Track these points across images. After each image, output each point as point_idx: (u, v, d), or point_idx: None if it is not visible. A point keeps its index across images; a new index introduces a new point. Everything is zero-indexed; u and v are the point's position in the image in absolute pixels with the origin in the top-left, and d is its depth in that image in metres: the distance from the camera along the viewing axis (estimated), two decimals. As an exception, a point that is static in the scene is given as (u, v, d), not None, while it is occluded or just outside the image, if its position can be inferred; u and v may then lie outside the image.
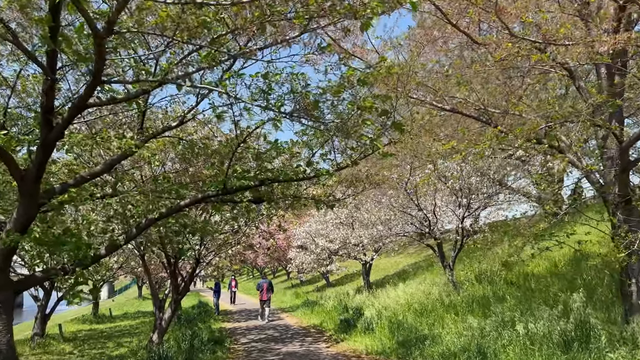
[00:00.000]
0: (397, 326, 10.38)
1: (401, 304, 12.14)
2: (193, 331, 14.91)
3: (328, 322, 15.23)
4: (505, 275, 12.36)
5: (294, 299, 25.96)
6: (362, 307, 13.46)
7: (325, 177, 5.39)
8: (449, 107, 7.24)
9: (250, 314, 21.89)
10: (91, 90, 3.76)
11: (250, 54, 4.37)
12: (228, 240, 11.98)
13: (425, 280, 16.63)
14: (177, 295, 12.05)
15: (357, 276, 28.09)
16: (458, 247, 13.12)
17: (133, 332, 18.04)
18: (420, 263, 23.83)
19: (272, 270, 55.62)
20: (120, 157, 5.85)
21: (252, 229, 12.99)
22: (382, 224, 13.59)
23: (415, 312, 10.99)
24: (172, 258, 11.58)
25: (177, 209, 5.54)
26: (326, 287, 27.85)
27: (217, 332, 15.52)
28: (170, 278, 12.09)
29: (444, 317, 10.45)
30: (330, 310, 16.30)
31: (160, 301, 12.65)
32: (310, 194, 7.14)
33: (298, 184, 7.04)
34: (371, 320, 11.57)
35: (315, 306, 18.57)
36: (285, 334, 14.27)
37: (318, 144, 5.49)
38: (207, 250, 12.63)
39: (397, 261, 28.13)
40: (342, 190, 8.54)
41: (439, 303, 11.08)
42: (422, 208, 12.26)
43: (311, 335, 13.57)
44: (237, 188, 5.35)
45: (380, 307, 12.36)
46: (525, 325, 7.21)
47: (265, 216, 11.61)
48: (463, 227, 12.40)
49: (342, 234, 18.52)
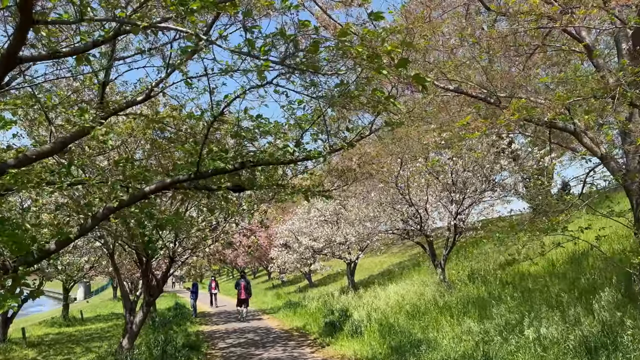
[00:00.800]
0: (388, 329, 9.62)
1: (391, 305, 11.39)
2: (167, 336, 13.94)
3: (312, 325, 14.41)
4: (500, 275, 11.71)
5: (275, 299, 25.07)
6: (348, 309, 12.68)
7: (318, 159, 4.58)
8: (452, 87, 6.50)
9: (230, 315, 20.94)
10: (22, 34, 2.89)
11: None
12: (205, 237, 11.07)
13: (414, 280, 15.94)
14: (149, 297, 11.09)
15: (341, 276, 27.34)
16: (450, 245, 12.43)
17: (104, 336, 16.94)
18: (406, 262, 23.19)
19: (252, 270, 54.53)
20: (75, 135, 4.94)
21: (232, 225, 12.10)
22: (370, 221, 12.81)
23: (407, 315, 10.25)
24: (143, 256, 10.63)
25: (140, 195, 4.66)
26: (309, 287, 27.01)
27: (194, 336, 14.56)
28: (142, 278, 11.13)
29: (439, 320, 9.73)
30: (313, 312, 15.49)
31: (132, 303, 11.67)
32: (297, 185, 6.32)
33: (284, 171, 6.22)
34: (359, 323, 10.79)
35: (298, 307, 17.74)
36: (267, 338, 13.40)
37: (309, 121, 4.67)
38: (182, 248, 11.71)
39: (381, 261, 27.46)
40: (332, 181, 7.74)
41: (432, 304, 10.36)
42: (413, 203, 11.52)
43: (294, 339, 12.74)
44: (213, 171, 4.50)
45: (369, 309, 11.59)
46: (536, 330, 6.50)
47: (247, 211, 10.77)
48: (456, 224, 11.72)
49: (327, 232, 17.72)
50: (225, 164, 4.28)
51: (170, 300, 29.38)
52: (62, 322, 21.27)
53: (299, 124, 4.80)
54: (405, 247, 30.18)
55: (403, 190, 11.87)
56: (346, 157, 8.58)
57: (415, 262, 21.71)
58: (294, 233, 19.22)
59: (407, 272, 18.54)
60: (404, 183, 11.34)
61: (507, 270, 12.47)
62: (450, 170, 11.59)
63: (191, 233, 10.48)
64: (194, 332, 15.69)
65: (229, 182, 4.99)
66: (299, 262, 20.90)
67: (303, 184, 6.82)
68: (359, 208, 13.60)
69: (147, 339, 13.61)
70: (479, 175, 11.13)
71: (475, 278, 12.14)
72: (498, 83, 6.24)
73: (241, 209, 10.85)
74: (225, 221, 10.97)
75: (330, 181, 7.81)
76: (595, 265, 9.87)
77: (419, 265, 19.53)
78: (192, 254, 11.58)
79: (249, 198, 9.71)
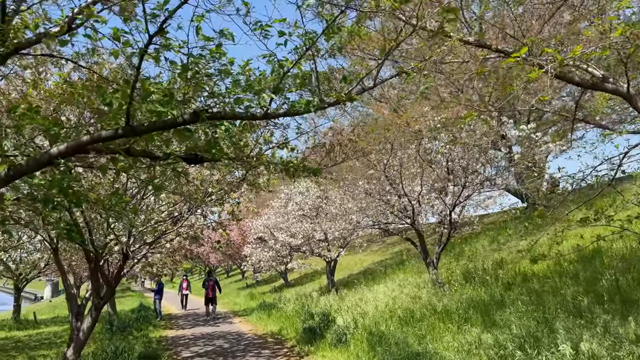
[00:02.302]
0: (378, 339, 8.24)
1: (381, 309, 10.01)
2: (124, 343, 12.30)
3: (288, 330, 12.96)
4: (500, 275, 10.47)
5: (248, 300, 23.49)
6: (330, 313, 11.26)
7: (307, 109, 3.16)
8: (472, 38, 5.13)
9: (199, 318, 19.30)
10: None
11: None
12: (166, 230, 9.51)
13: (400, 280, 14.65)
14: (98, 300, 9.45)
15: (319, 275, 25.92)
16: (444, 242, 11.14)
17: (55, 342, 15.12)
18: (388, 261, 21.92)
19: (225, 269, 52.65)
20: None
21: (199, 218, 10.55)
22: (355, 214, 11.40)
23: (400, 321, 8.89)
24: (91, 252, 9.00)
25: (45, 160, 3.15)
26: (284, 287, 25.52)
27: (155, 343, 12.94)
28: (90, 278, 9.49)
29: (437, 327, 8.41)
30: (290, 315, 14.03)
31: (79, 307, 9.97)
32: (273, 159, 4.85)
33: (257, 141, 4.75)
34: (344, 330, 9.39)
35: (273, 310, 16.25)
36: (237, 345, 11.89)
37: (294, 54, 3.25)
38: (142, 243, 10.11)
39: (361, 259, 26.16)
40: (317, 161, 6.30)
41: (428, 309, 9.03)
42: (406, 193, 10.16)
43: (268, 347, 11.27)
44: (151, 125, 3.04)
45: (355, 313, 10.20)
46: (574, 344, 5.20)
47: (215, 201, 9.25)
48: (451, 218, 10.42)
49: (306, 228, 16.26)
50: (167, 110, 2.83)
51: (134, 301, 27.46)
52: (12, 324, 19.26)
53: (280, 62, 3.35)
54: (386, 245, 28.95)
55: (393, 179, 10.52)
56: (336, 131, 7.31)
57: (399, 260, 20.45)
58: (269, 229, 17.70)
59: (391, 272, 17.24)
60: (396, 171, 10.00)
61: (505, 269, 11.26)
62: (446, 158, 10.29)
63: (147, 224, 8.91)
64: (156, 338, 14.05)
65: (179, 145, 3.53)
66: (274, 260, 19.35)
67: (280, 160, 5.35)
68: (343, 200, 12.18)
69: (101, 345, 11.94)
70: (482, 161, 9.83)
71: (472, 278, 10.88)
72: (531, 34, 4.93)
73: (208, 198, 9.34)
74: (189, 212, 9.41)
75: (315, 161, 6.36)
76: (612, 265, 8.69)
77: (402, 264, 18.26)
78: (151, 251, 9.98)
79: (216, 184, 8.20)
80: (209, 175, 7.87)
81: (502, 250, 13.79)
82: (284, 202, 17.31)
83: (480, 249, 14.90)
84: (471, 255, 14.31)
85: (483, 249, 14.82)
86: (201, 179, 7.68)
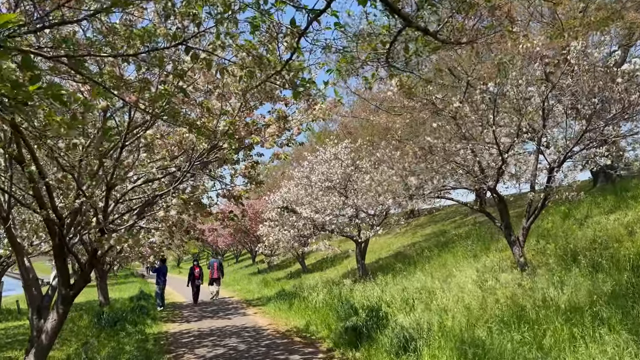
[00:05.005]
0: (471, 349, 5.45)
1: (464, 304, 7.16)
2: (115, 341, 9.68)
3: (318, 326, 10.27)
4: (621, 256, 7.61)
5: (262, 288, 20.85)
6: (380, 307, 8.48)
7: None
8: None
9: (206, 307, 16.64)
10: None
11: None
12: (160, 191, 6.76)
13: (449, 265, 11.88)
14: (66, 290, 6.77)
15: (339, 260, 23.20)
16: (535, 212, 8.27)
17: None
18: (422, 244, 19.11)
19: (234, 254, 50.12)
20: None
21: (203, 179, 7.81)
22: (414, 175, 8.46)
23: (500, 322, 6.08)
24: (55, 223, 6.26)
25: None
26: (302, 273, 22.84)
27: (151, 343, 10.27)
28: (55, 260, 6.77)
29: (558, 331, 5.61)
30: (320, 307, 11.31)
31: (43, 299, 7.28)
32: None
33: None
34: (411, 331, 6.60)
35: (295, 300, 13.55)
36: (257, 347, 9.20)
37: None
38: (127, 210, 7.44)
39: (387, 242, 23.40)
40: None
41: (538, 304, 6.21)
42: (497, 143, 7.19)
43: (297, 351, 8.56)
44: None
45: (420, 309, 7.37)
46: None
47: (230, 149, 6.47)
48: (550, 183, 7.55)
49: (334, 202, 13.44)
50: None
51: (134, 288, 24.82)
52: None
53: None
54: (412, 227, 26.13)
55: (464, 126, 7.63)
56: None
57: (436, 243, 17.64)
58: (290, 203, 14.91)
59: (436, 256, 14.43)
60: (475, 109, 7.13)
61: (613, 249, 8.42)
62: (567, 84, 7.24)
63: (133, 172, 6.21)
64: (153, 335, 11.38)
65: None
66: (297, 241, 16.51)
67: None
68: (391, 161, 9.26)
69: (73, 349, 9.31)
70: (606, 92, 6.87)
71: (573, 261, 8.03)
72: None
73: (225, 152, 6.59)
74: (191, 166, 6.59)
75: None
76: None
77: (445, 246, 15.46)
78: (139, 220, 7.21)
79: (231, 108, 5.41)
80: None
81: (587, 227, 10.94)
82: (307, 171, 14.50)
83: (552, 226, 12.04)
84: (543, 233, 11.46)
85: (556, 226, 11.96)
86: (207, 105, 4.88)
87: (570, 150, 7.42)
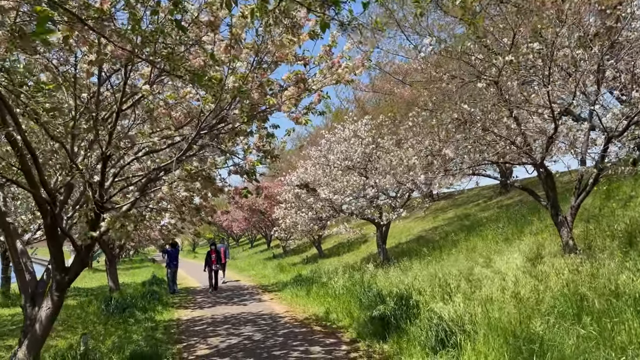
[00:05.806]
0: (526, 345, 4.59)
1: (511, 293, 6.26)
2: (123, 329, 9.03)
3: (339, 313, 9.51)
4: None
5: (277, 273, 20.16)
6: (410, 295, 7.64)
7: None
8: None
9: (221, 293, 15.99)
10: None
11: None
12: (166, 166, 5.97)
13: (484, 248, 10.99)
14: (61, 275, 6.06)
15: (357, 244, 22.39)
16: (586, 189, 7.30)
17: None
18: (444, 227, 18.20)
19: (249, 239, 49.59)
20: None
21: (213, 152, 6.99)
22: (448, 147, 7.52)
23: (558, 313, 5.20)
24: (46, 200, 5.49)
25: None
26: (318, 257, 22.12)
27: (161, 331, 9.61)
28: (48, 242, 6.03)
29: (628, 325, 4.72)
30: (341, 293, 10.53)
31: (37, 285, 6.59)
32: None
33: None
34: (450, 324, 5.75)
35: (313, 285, 12.79)
36: (274, 336, 8.47)
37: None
38: (125, 185, 6.70)
39: (406, 226, 22.50)
40: None
41: (604, 293, 5.31)
42: (552, 103, 6.20)
43: (318, 342, 7.80)
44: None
45: (459, 299, 6.50)
46: None
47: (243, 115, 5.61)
48: (607, 149, 6.59)
49: (354, 182, 12.55)
50: None
51: (147, 273, 24.33)
52: (0, 300, 16.26)
53: None
54: (432, 211, 25.13)
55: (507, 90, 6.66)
56: None
57: (461, 226, 16.72)
58: (307, 183, 14.09)
59: (460, 239, 13.54)
60: (524, 66, 6.16)
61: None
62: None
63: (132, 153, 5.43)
64: (164, 322, 10.73)
65: None
66: (316, 224, 15.67)
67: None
68: (420, 131, 8.30)
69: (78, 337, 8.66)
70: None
71: (635, 244, 7.07)
72: None
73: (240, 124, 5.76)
74: (198, 135, 5.78)
75: None
76: None
77: (472, 230, 14.54)
78: (143, 195, 6.45)
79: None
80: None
81: (631, 208, 9.95)
82: (325, 150, 13.63)
83: (592, 207, 11.04)
84: (584, 214, 10.47)
85: (596, 207, 10.96)
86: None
87: (632, 119, 6.43)
